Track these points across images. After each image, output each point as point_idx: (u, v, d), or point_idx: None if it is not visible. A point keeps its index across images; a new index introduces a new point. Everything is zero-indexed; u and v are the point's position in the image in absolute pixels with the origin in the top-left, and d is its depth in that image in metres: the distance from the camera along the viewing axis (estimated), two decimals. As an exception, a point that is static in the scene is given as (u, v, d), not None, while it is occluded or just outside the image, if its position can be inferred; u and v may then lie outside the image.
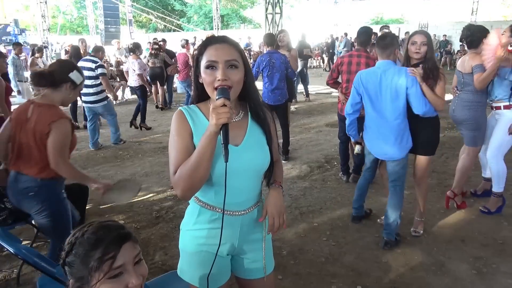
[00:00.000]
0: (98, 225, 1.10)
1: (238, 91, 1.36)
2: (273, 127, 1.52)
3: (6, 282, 2.74)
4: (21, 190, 2.32)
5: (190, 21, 34.97)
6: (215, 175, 1.34)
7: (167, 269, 2.79)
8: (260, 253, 1.54)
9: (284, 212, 1.47)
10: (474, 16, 20.45)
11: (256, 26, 34.34)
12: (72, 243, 1.07)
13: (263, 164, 1.43)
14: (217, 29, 23.45)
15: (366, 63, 4.06)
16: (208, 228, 1.43)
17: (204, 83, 1.34)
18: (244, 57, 1.38)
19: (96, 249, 1.04)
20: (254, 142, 1.42)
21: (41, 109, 2.28)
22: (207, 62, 1.31)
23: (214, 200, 1.40)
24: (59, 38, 23.04)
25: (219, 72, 1.29)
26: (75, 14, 36.42)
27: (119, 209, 3.88)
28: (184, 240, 1.52)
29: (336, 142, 6.06)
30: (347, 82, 4.18)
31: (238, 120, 1.42)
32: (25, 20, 30.45)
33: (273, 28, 12.08)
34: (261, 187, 1.51)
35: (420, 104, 2.78)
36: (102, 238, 1.05)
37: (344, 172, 4.57)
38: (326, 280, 2.71)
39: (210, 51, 1.32)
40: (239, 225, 1.46)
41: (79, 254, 1.05)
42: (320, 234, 3.34)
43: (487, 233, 3.27)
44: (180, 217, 3.71)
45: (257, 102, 1.45)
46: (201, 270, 1.43)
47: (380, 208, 3.80)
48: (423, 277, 2.73)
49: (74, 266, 1.06)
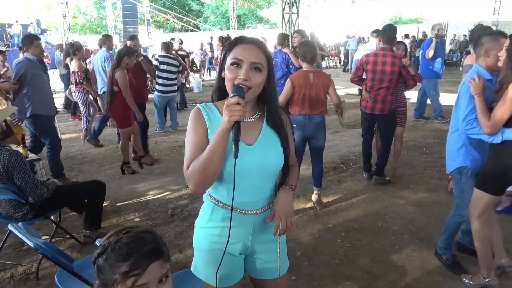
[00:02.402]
0: (133, 235, 1.07)
1: (256, 94, 1.37)
2: (290, 131, 1.52)
3: (26, 276, 2.81)
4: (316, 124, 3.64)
5: (207, 21, 35.20)
6: (227, 173, 1.35)
7: (182, 267, 2.81)
8: (274, 254, 1.53)
9: (292, 214, 1.45)
10: (496, 16, 19.89)
11: (272, 26, 34.30)
12: (105, 247, 1.07)
13: (276, 165, 1.43)
14: (234, 29, 23.49)
15: (392, 62, 4.02)
16: (221, 226, 1.44)
17: (226, 79, 1.35)
18: (270, 63, 1.38)
19: (124, 262, 1.02)
20: (267, 142, 1.42)
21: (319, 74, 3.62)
22: (233, 59, 1.33)
23: (227, 198, 1.40)
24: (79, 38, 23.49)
25: (242, 71, 1.31)
26: (95, 15, 37.08)
27: (135, 207, 3.93)
28: (198, 237, 1.54)
29: (352, 143, 6.03)
30: (371, 81, 4.17)
31: (253, 120, 1.43)
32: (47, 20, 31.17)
33: (289, 28, 12.04)
34: (275, 189, 1.51)
35: (459, 119, 2.45)
36: (132, 252, 1.03)
37: (366, 170, 4.58)
38: (340, 282, 2.69)
39: (239, 49, 1.34)
40: (251, 225, 1.46)
41: (109, 261, 1.04)
42: (335, 235, 3.31)
43: (507, 238, 3.18)
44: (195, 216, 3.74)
45: (274, 109, 1.45)
46: (214, 268, 1.44)
47: (396, 210, 3.75)
48: (440, 282, 2.67)
49: (102, 271, 1.06)
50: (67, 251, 3.03)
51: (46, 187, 2.89)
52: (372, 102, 4.21)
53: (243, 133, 1.27)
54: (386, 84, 4.08)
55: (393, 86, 4.10)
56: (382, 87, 4.10)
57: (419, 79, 4.20)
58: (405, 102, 4.38)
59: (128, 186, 4.51)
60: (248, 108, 1.38)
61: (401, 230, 3.36)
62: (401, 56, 4.08)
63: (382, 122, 4.31)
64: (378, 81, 4.11)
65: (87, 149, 6.00)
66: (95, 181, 3.41)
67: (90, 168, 5.12)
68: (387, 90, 4.10)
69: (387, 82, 4.07)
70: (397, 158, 4.48)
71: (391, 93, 4.12)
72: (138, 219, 3.68)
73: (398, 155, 4.49)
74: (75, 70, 6.34)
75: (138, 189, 4.43)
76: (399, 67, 4.01)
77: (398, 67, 4.01)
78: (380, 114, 4.20)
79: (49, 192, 2.89)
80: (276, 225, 1.43)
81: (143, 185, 4.53)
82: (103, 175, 4.77)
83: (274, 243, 1.52)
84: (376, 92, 4.15)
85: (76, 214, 3.62)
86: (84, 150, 5.96)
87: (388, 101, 4.14)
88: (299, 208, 3.81)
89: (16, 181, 2.72)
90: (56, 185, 3.02)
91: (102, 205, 3.29)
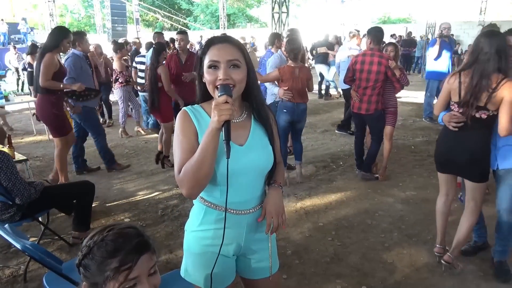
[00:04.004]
0: (118, 232, 1.07)
1: (241, 90, 1.37)
2: (275, 129, 1.53)
3: (14, 278, 2.77)
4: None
5: (197, 20, 35.04)
6: (220, 174, 1.34)
7: (172, 267, 2.80)
8: (265, 253, 1.54)
9: (283, 212, 1.46)
10: (482, 16, 20.20)
11: (262, 25, 34.32)
12: (90, 247, 1.06)
13: (267, 164, 1.44)
14: (224, 28, 23.44)
15: (379, 62, 4.11)
16: (214, 228, 1.43)
17: (206, 82, 1.35)
18: (247, 57, 1.38)
19: (114, 258, 1.02)
20: (257, 142, 1.43)
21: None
22: (210, 62, 1.32)
23: (220, 199, 1.39)
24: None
25: (221, 72, 1.30)
26: (83, 13, 36.63)
27: (125, 207, 3.90)
28: (189, 241, 1.52)
29: (342, 142, 6.07)
30: (359, 80, 4.28)
31: (242, 120, 1.43)
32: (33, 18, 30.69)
33: (279, 27, 12.05)
34: (264, 187, 1.52)
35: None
36: (120, 247, 1.03)
37: (358, 167, 4.67)
38: (331, 280, 2.70)
39: (213, 51, 1.33)
40: (245, 225, 1.46)
41: (96, 259, 1.04)
42: (325, 234, 3.33)
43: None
44: (186, 216, 3.71)
45: (259, 101, 1.45)
46: (206, 271, 1.43)
47: (385, 208, 3.78)
48: (429, 278, 2.71)
49: (89, 271, 1.05)
50: (55, 253, 2.99)
51: (33, 188, 2.85)
52: (358, 102, 4.30)
53: (233, 134, 1.26)
54: (371, 84, 4.16)
55: (379, 86, 4.17)
56: (368, 86, 4.19)
57: (405, 82, 4.24)
58: (395, 102, 4.43)
59: (117, 186, 4.47)
60: (236, 107, 1.38)
61: (390, 228, 3.40)
62: (388, 57, 4.14)
63: (369, 121, 4.42)
64: (365, 80, 4.21)
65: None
66: (83, 182, 3.37)
67: (79, 169, 5.06)
68: (372, 90, 4.18)
69: (373, 81, 4.15)
70: (386, 157, 4.53)
71: (376, 93, 4.20)
72: (128, 220, 3.66)
73: (388, 154, 4.54)
74: (116, 69, 6.59)
75: (128, 189, 4.39)
76: (385, 67, 4.10)
77: (384, 67, 4.10)
78: (366, 114, 4.30)
79: (36, 193, 2.85)
80: (268, 224, 1.43)
81: (132, 185, 4.49)
82: (92, 176, 4.72)
83: (266, 242, 1.53)
84: (363, 91, 4.25)
85: (64, 215, 3.58)
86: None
87: (373, 102, 4.22)
88: (289, 207, 3.82)
89: (2, 182, 2.67)
90: (43, 186, 2.98)
91: (91, 205, 3.26)
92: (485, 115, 2.39)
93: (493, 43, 2.32)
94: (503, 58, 2.30)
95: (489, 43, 2.32)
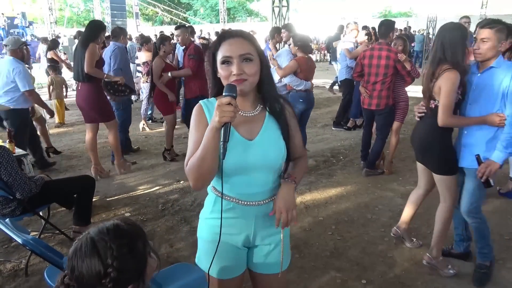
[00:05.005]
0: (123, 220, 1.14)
1: (254, 84, 1.36)
2: (294, 123, 1.49)
3: (15, 272, 2.78)
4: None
5: (197, 14, 34.90)
6: (227, 167, 1.35)
7: (173, 261, 2.80)
8: (276, 249, 1.53)
9: (294, 208, 1.42)
10: (484, 10, 20.10)
11: (262, 19, 34.19)
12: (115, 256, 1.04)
13: (276, 160, 1.42)
14: (224, 22, 23.34)
15: (387, 56, 4.07)
16: (224, 217, 1.44)
17: (221, 78, 1.36)
18: (259, 50, 1.37)
19: (139, 239, 1.10)
20: (269, 137, 1.41)
21: None
22: (222, 58, 1.33)
23: (229, 189, 1.42)
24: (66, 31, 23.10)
25: (234, 67, 1.30)
26: (82, 7, 36.50)
27: (125, 202, 3.91)
28: (201, 228, 1.55)
29: (342, 137, 6.07)
30: (368, 75, 4.24)
31: (255, 114, 1.42)
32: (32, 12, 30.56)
33: (279, 21, 12.00)
34: (279, 181, 1.49)
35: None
36: (133, 230, 1.12)
37: (363, 158, 4.68)
38: (331, 274, 2.72)
39: (225, 46, 1.33)
40: (253, 216, 1.46)
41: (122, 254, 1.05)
42: (326, 228, 3.34)
43: (493, 229, 3.23)
44: (186, 210, 3.73)
45: (272, 95, 1.44)
46: (215, 260, 1.45)
47: (385, 202, 3.79)
48: (428, 272, 2.72)
49: (127, 270, 1.05)
50: (56, 247, 3.00)
51: (34, 183, 2.85)
52: (368, 98, 4.26)
53: (244, 127, 1.32)
54: (381, 78, 4.12)
55: (388, 80, 4.13)
56: (377, 81, 4.15)
57: (416, 74, 4.21)
58: (406, 97, 4.38)
59: (118, 180, 4.48)
60: (250, 101, 1.40)
61: (390, 222, 3.40)
62: (396, 51, 4.11)
63: (379, 117, 4.36)
64: (374, 75, 4.17)
65: (76, 144, 5.93)
66: (84, 176, 3.37)
67: (79, 163, 5.07)
68: (382, 84, 4.14)
69: (382, 75, 4.11)
70: (392, 152, 4.53)
71: (386, 88, 4.16)
72: (129, 214, 3.66)
73: (394, 149, 4.53)
74: (146, 61, 6.79)
75: (128, 183, 4.40)
76: (393, 61, 4.06)
77: (393, 61, 4.06)
78: (377, 109, 4.26)
79: (37, 188, 2.86)
80: (277, 218, 1.41)
81: (133, 180, 4.50)
82: (92, 170, 4.72)
83: (277, 237, 1.52)
84: (372, 86, 4.21)
85: (65, 210, 3.58)
86: (72, 145, 5.89)
87: (383, 96, 4.18)
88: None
89: (3, 177, 2.67)
90: (44, 181, 2.98)
91: (92, 200, 3.26)
92: (433, 105, 2.45)
93: (441, 35, 2.39)
94: (448, 49, 2.34)
95: (438, 35, 2.42)
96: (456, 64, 2.32)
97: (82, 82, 4.21)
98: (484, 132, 2.35)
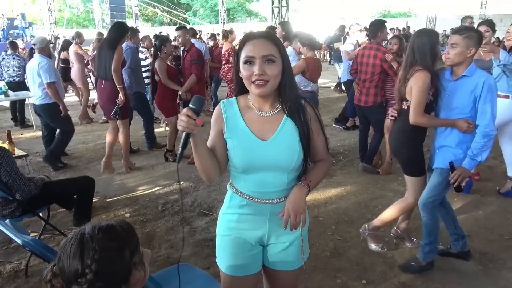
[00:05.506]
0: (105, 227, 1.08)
1: (275, 86, 1.37)
2: (316, 125, 1.47)
3: (15, 273, 2.78)
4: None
5: (196, 14, 34.92)
6: (239, 166, 1.42)
7: (173, 262, 2.80)
8: (291, 247, 1.53)
9: (303, 211, 1.40)
10: (483, 10, 20.15)
11: (262, 19, 34.20)
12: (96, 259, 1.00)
13: (290, 162, 1.41)
14: (223, 23, 23.35)
15: (374, 55, 4.24)
16: (239, 213, 1.50)
17: (243, 78, 1.37)
18: (283, 52, 1.37)
19: (128, 247, 1.05)
20: (283, 139, 1.41)
21: None
22: (245, 58, 1.34)
23: (243, 187, 1.47)
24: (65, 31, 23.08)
25: (256, 67, 1.32)
26: (81, 8, 36.51)
27: (125, 202, 3.91)
28: (219, 223, 1.60)
29: (342, 137, 6.07)
30: (359, 73, 4.42)
31: (273, 115, 1.43)
32: (32, 13, 30.58)
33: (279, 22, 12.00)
34: (295, 182, 1.47)
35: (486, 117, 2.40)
36: (124, 236, 1.07)
37: (362, 159, 4.73)
38: (331, 275, 2.72)
39: (248, 46, 1.35)
40: (268, 213, 1.47)
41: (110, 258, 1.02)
42: (325, 228, 3.34)
43: (493, 228, 3.25)
44: (186, 211, 3.73)
45: (292, 97, 1.42)
46: (228, 254, 1.48)
47: (385, 202, 3.79)
48: (429, 272, 2.72)
49: (110, 263, 1.02)
50: (56, 248, 2.99)
51: (33, 184, 2.85)
52: (359, 94, 4.43)
53: (259, 128, 1.39)
54: (368, 76, 4.29)
55: (376, 78, 4.26)
56: (366, 78, 4.32)
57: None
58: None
59: (117, 181, 4.48)
60: (270, 101, 1.42)
61: (390, 222, 3.40)
62: (385, 50, 4.21)
63: (369, 114, 4.51)
64: (364, 73, 4.35)
65: (75, 144, 5.92)
66: (84, 177, 3.38)
67: (79, 164, 5.07)
68: (370, 82, 4.30)
69: (370, 74, 4.28)
70: (389, 151, 4.52)
71: (374, 86, 4.29)
72: (128, 215, 3.66)
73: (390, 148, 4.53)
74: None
75: (128, 184, 4.40)
76: (380, 60, 4.19)
77: (379, 60, 4.19)
78: (365, 106, 4.41)
79: (37, 189, 2.86)
80: (285, 220, 1.40)
81: (133, 180, 4.50)
82: (92, 171, 4.73)
83: (290, 235, 1.51)
84: (362, 84, 4.38)
85: (65, 211, 3.58)
86: (72, 146, 5.87)
87: (371, 94, 4.32)
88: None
89: (3, 178, 2.67)
90: (44, 182, 2.98)
91: (92, 201, 3.27)
92: (406, 106, 2.56)
93: (412, 41, 2.54)
94: (418, 53, 2.46)
95: (409, 42, 2.56)
96: (427, 67, 2.43)
97: (108, 80, 4.32)
98: (454, 136, 2.44)
